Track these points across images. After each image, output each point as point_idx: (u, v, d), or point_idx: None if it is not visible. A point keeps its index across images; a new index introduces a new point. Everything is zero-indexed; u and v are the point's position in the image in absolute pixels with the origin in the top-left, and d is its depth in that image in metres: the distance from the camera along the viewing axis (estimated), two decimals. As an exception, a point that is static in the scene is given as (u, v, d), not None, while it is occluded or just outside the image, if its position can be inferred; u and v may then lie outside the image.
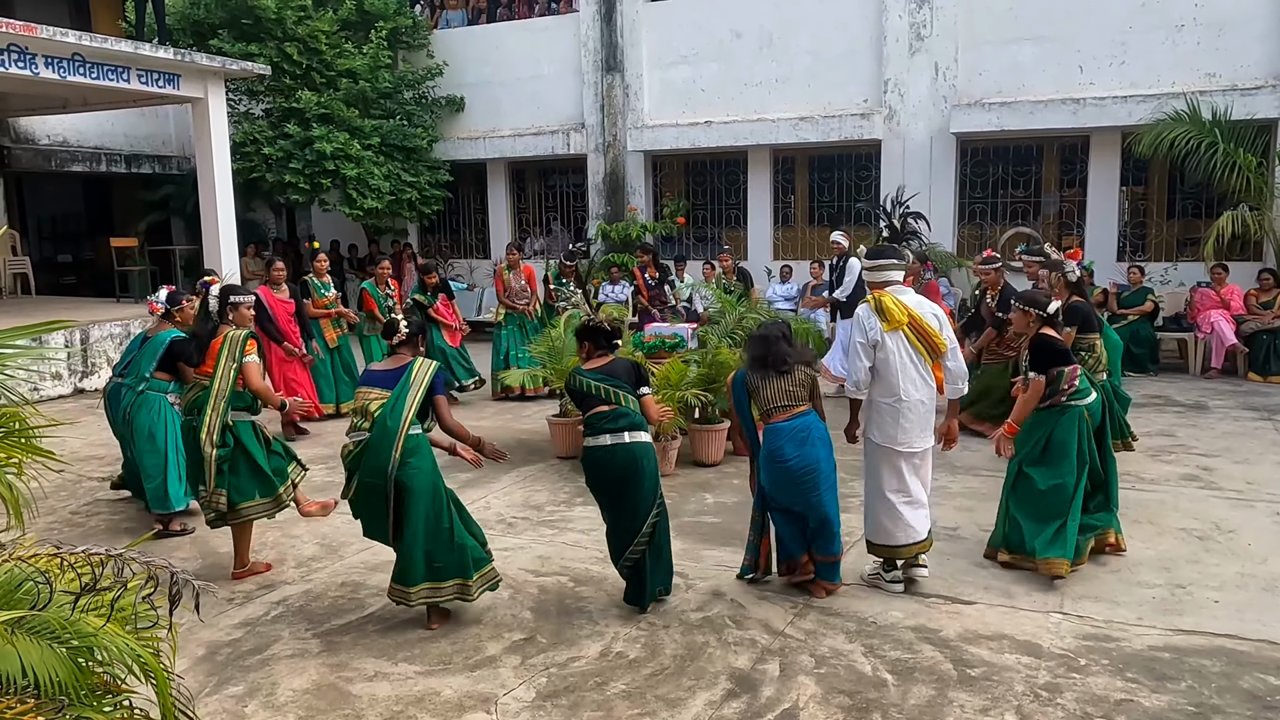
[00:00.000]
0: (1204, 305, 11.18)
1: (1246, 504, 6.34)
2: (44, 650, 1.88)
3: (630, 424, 4.74)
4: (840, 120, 13.41)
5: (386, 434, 4.54)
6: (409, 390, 4.65)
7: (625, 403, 4.77)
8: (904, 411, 4.89)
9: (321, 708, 3.96)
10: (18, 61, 10.71)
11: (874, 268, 5.07)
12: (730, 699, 3.96)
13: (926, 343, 4.90)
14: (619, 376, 4.84)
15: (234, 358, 5.28)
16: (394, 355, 4.89)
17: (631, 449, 4.72)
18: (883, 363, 4.90)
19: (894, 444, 4.94)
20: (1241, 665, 4.15)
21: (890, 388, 4.90)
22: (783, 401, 4.81)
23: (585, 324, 5.11)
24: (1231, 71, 11.60)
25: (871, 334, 4.88)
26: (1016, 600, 4.89)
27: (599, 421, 4.75)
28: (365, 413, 4.65)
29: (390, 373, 4.78)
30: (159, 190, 17.34)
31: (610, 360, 4.95)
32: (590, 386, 4.81)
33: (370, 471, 4.54)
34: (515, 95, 15.64)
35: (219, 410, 5.21)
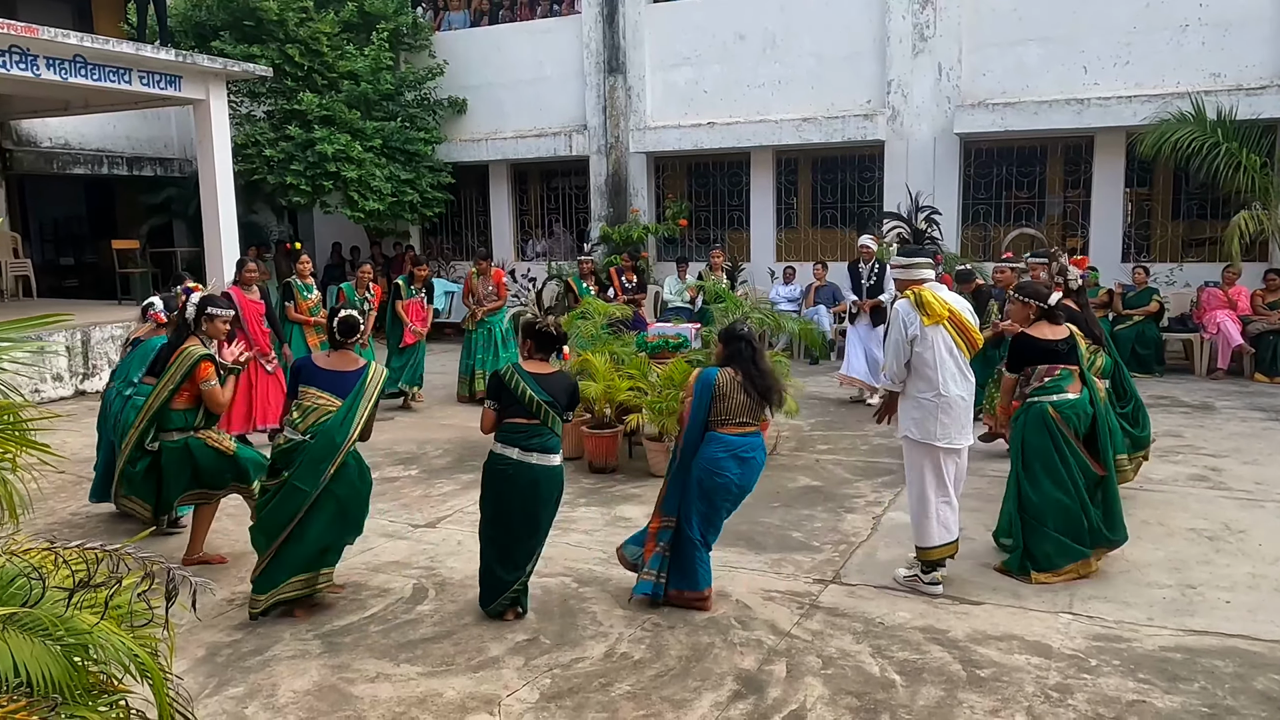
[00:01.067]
0: (1210, 305, 11.12)
1: (1256, 504, 6.28)
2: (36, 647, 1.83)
3: (543, 446, 4.53)
4: (843, 121, 13.36)
5: (332, 448, 4.51)
6: (361, 401, 4.59)
7: (550, 423, 4.54)
8: (944, 407, 4.84)
9: (323, 709, 3.91)
10: (19, 63, 10.68)
11: (908, 266, 5.03)
12: (737, 700, 3.91)
13: (966, 337, 4.88)
14: (556, 395, 4.58)
15: (174, 378, 5.17)
16: (342, 351, 4.77)
17: (536, 472, 4.51)
18: (922, 358, 4.84)
19: (934, 440, 4.87)
20: (1255, 666, 4.10)
21: (930, 383, 4.84)
22: (745, 418, 4.68)
23: (532, 324, 4.82)
24: (1236, 72, 11.54)
25: (911, 329, 4.84)
26: (1025, 601, 4.83)
27: (514, 433, 4.54)
28: (307, 415, 4.57)
29: (342, 376, 4.65)
30: (161, 193, 17.32)
31: (553, 372, 4.70)
32: (522, 391, 4.52)
33: (303, 478, 4.51)
34: (517, 97, 15.60)
35: (140, 427, 5.18)
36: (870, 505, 6.41)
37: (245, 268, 8.64)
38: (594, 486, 7.02)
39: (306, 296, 9.17)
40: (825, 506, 6.32)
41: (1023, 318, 5.34)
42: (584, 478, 7.28)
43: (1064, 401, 5.18)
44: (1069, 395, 5.20)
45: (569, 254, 15.92)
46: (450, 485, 7.11)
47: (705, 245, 15.02)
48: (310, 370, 4.73)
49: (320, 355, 4.85)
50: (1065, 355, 5.24)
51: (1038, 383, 5.20)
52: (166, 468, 5.27)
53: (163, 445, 5.25)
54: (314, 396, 4.60)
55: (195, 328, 5.37)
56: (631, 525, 6.12)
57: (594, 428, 7.46)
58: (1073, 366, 5.25)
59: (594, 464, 7.44)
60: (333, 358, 4.76)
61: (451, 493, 6.93)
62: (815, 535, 5.86)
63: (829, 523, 6.10)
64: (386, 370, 4.79)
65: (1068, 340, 5.28)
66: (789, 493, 6.74)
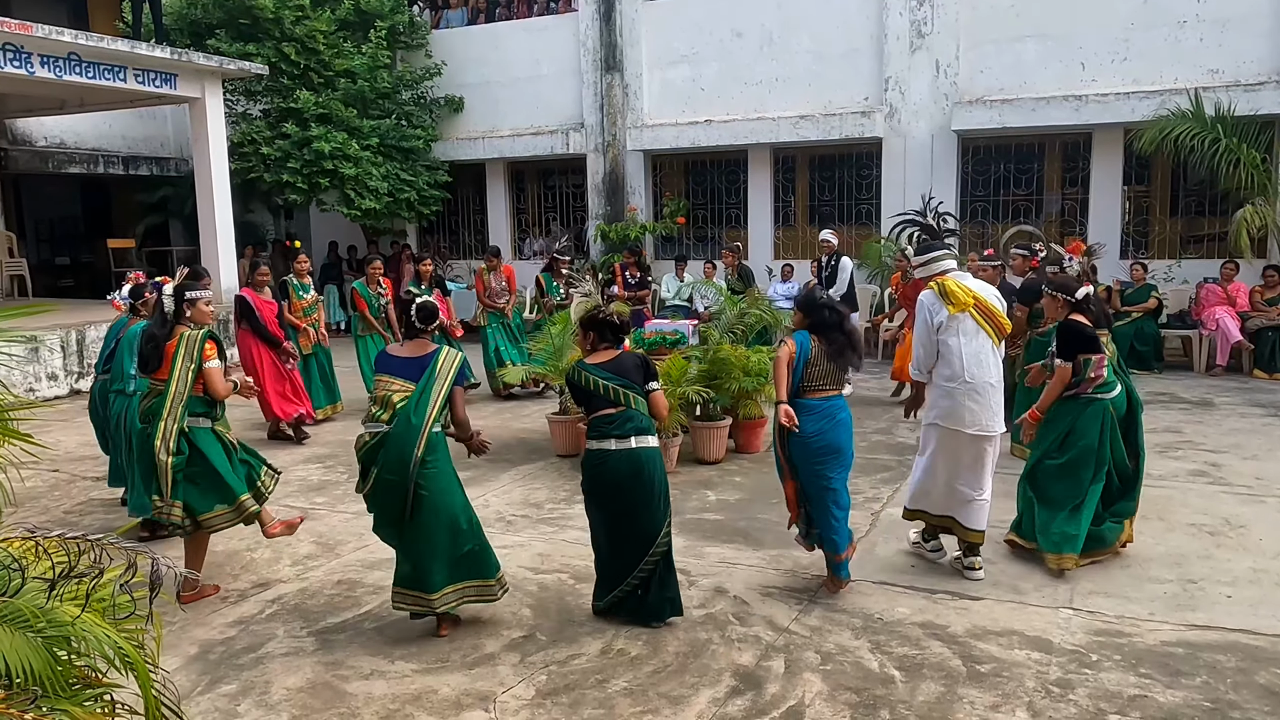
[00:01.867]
0: (1209, 302, 11.10)
1: (1257, 499, 6.25)
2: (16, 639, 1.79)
3: (638, 428, 4.42)
4: (841, 119, 13.33)
5: (410, 430, 4.28)
6: (434, 383, 4.38)
7: (634, 404, 4.45)
8: (972, 393, 4.83)
9: (316, 706, 3.87)
10: (13, 61, 10.64)
11: (927, 262, 5.05)
12: (734, 696, 3.87)
13: (993, 323, 4.87)
14: (628, 374, 4.50)
15: (191, 358, 4.92)
16: (416, 340, 4.57)
17: (639, 455, 4.40)
18: (949, 345, 4.84)
19: (963, 426, 4.85)
20: (1257, 660, 4.06)
21: (955, 371, 4.83)
22: (826, 383, 4.68)
23: (593, 314, 4.74)
24: (1235, 67, 11.52)
25: (937, 318, 4.84)
26: (1025, 596, 4.80)
27: (605, 425, 4.43)
28: (386, 403, 4.36)
29: (413, 361, 4.46)
30: (157, 192, 17.28)
31: (617, 355, 4.61)
32: (596, 385, 4.45)
33: (390, 468, 4.28)
34: (514, 95, 15.56)
35: (175, 415, 4.85)
36: (869, 501, 6.37)
37: (259, 270, 8.73)
38: (591, 483, 6.98)
39: (302, 296, 9.07)
40: (824, 503, 6.27)
41: (1053, 312, 5.30)
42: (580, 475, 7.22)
43: (1119, 398, 5.19)
44: (1118, 389, 5.20)
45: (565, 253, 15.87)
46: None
47: (703, 244, 15.01)
48: (385, 359, 4.58)
49: (395, 346, 4.74)
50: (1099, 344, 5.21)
51: (1096, 376, 5.07)
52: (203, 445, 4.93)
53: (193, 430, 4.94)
54: (387, 383, 4.43)
55: (178, 318, 5.09)
56: (629, 522, 6.10)
57: (591, 425, 7.42)
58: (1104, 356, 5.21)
59: (591, 461, 7.39)
60: (407, 346, 4.59)
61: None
62: (813, 531, 5.82)
63: (827, 519, 6.06)
64: (462, 354, 4.60)
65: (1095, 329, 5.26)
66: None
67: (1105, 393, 5.13)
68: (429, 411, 4.33)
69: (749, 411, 7.68)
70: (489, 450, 4.86)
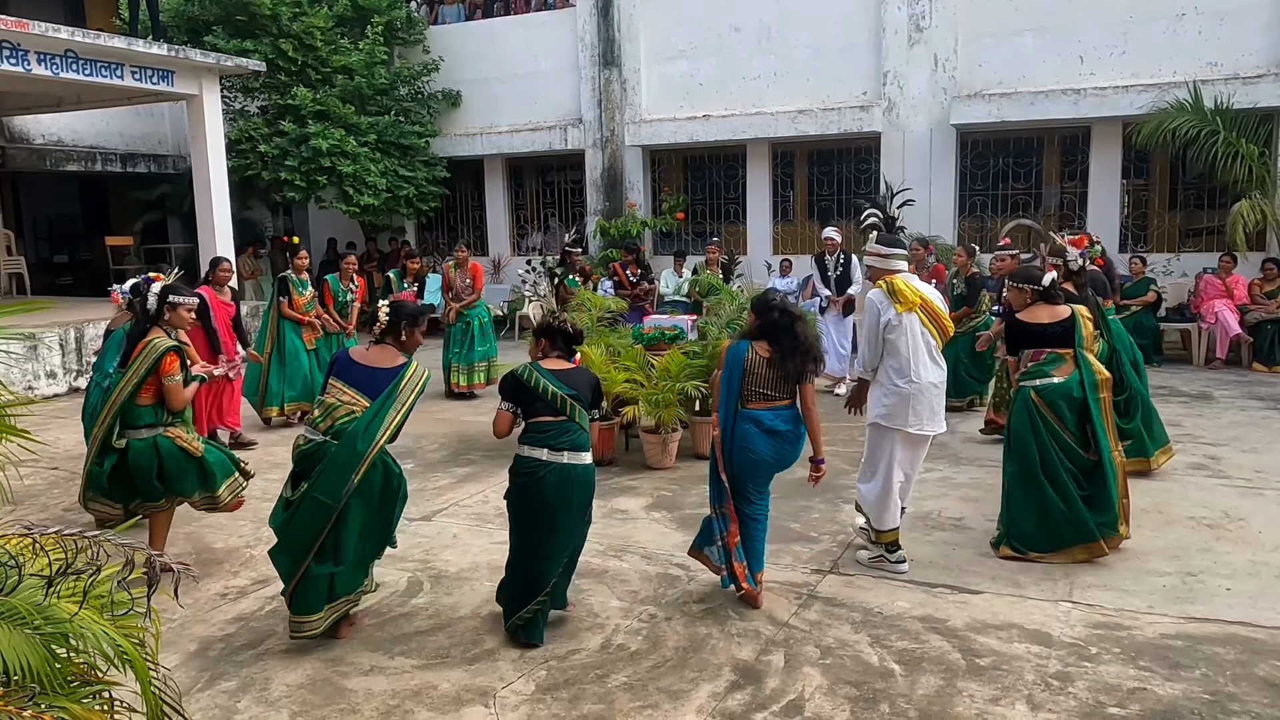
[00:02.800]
0: (1209, 294, 11.09)
1: (1256, 492, 6.25)
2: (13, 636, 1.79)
3: (573, 443, 4.23)
4: (839, 113, 13.32)
5: (354, 457, 4.05)
6: (393, 405, 4.13)
7: (578, 417, 4.26)
8: (916, 394, 4.86)
9: (316, 703, 3.87)
10: (9, 58, 10.62)
11: (886, 255, 5.04)
12: (734, 690, 3.87)
13: (937, 324, 4.93)
14: (580, 388, 4.32)
15: (138, 372, 4.83)
16: (383, 346, 4.32)
17: (569, 471, 4.21)
18: (895, 345, 4.86)
19: (905, 426, 4.89)
20: (1256, 653, 4.06)
21: (903, 370, 4.86)
22: (771, 391, 4.49)
23: (548, 321, 4.53)
24: (1233, 60, 11.51)
25: (885, 315, 4.86)
26: (1024, 590, 4.80)
27: (541, 433, 4.23)
28: (329, 414, 4.14)
29: (376, 373, 4.20)
30: (155, 189, 17.24)
31: (572, 367, 4.43)
32: (545, 389, 4.24)
33: (325, 490, 4.05)
34: (512, 91, 15.54)
35: (105, 424, 4.82)
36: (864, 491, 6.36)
37: (220, 266, 8.32)
38: (590, 479, 6.98)
39: (302, 292, 9.01)
40: (823, 498, 6.28)
41: (1019, 302, 5.36)
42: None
43: (1047, 385, 5.18)
44: (1054, 379, 5.19)
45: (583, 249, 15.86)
46: (445, 479, 7.06)
47: (702, 239, 14.97)
48: (344, 363, 4.28)
49: (359, 349, 4.39)
50: (1056, 338, 5.23)
51: (1024, 367, 5.28)
52: (135, 467, 4.89)
53: (130, 444, 4.88)
54: (339, 392, 4.17)
55: (157, 319, 5.04)
56: (628, 518, 6.09)
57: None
58: (1063, 350, 5.22)
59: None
60: (371, 352, 4.31)
61: (447, 486, 6.89)
62: (813, 526, 5.83)
63: (826, 513, 6.07)
64: (428, 372, 4.29)
65: (1063, 323, 5.25)
66: (786, 484, 6.67)
67: (1028, 380, 5.21)
68: (378, 437, 4.08)
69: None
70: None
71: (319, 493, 4.07)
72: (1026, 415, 5.18)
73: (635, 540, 5.68)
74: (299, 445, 4.22)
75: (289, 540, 4.18)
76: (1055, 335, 5.24)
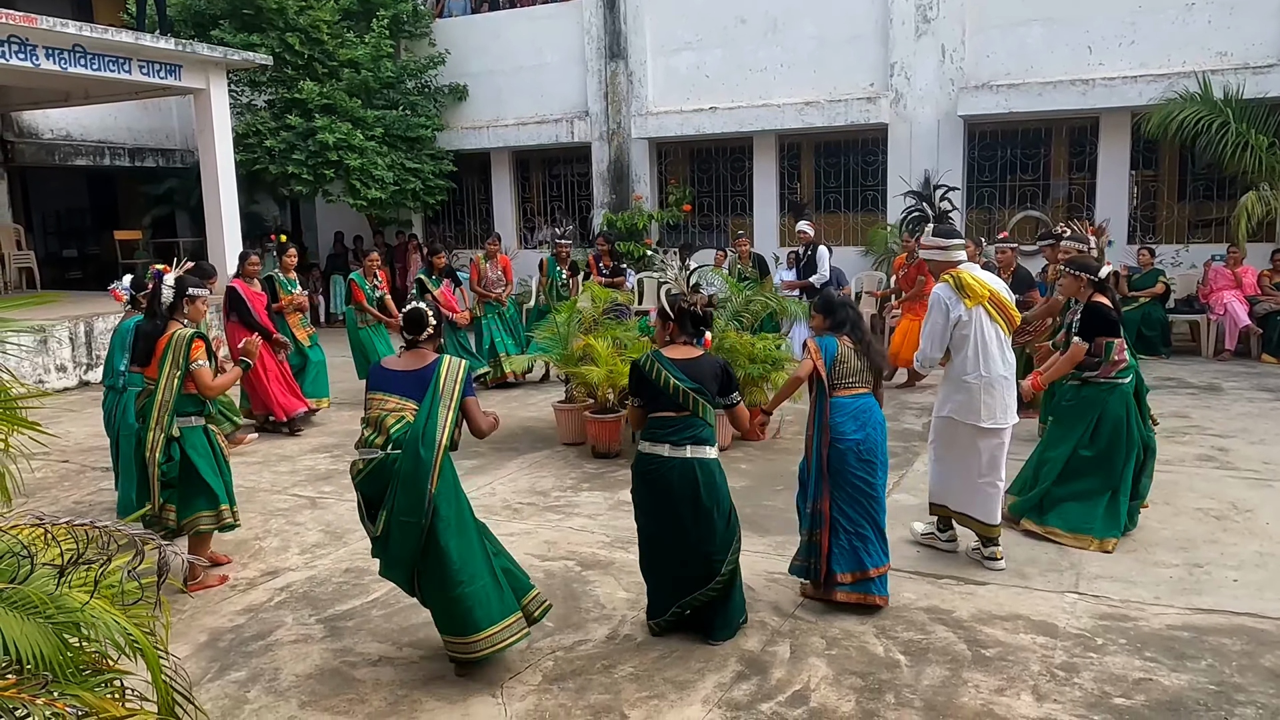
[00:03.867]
0: (1218, 284, 11.05)
1: (1264, 484, 6.23)
2: (26, 625, 1.81)
3: (697, 438, 4.09)
4: (846, 105, 13.28)
5: (421, 465, 3.78)
6: (441, 402, 3.89)
7: (702, 412, 4.09)
8: (987, 387, 4.82)
9: (325, 693, 3.90)
10: (18, 53, 10.66)
11: (945, 247, 4.96)
12: (740, 681, 3.89)
13: (1005, 315, 4.87)
14: (704, 380, 4.12)
15: (177, 364, 4.80)
16: (413, 350, 4.08)
17: (692, 465, 4.06)
18: (965, 340, 4.81)
19: (979, 421, 4.85)
20: (1263, 644, 4.06)
21: (974, 364, 4.81)
22: (856, 380, 4.52)
23: (675, 302, 4.27)
24: (1243, 50, 11.43)
25: (955, 312, 4.80)
26: (1030, 581, 4.80)
27: (662, 429, 4.10)
28: (380, 426, 3.89)
29: (412, 375, 3.97)
30: (163, 184, 17.30)
31: (697, 356, 4.21)
32: (668, 383, 4.06)
33: (405, 509, 3.79)
34: (518, 84, 15.54)
35: (162, 423, 4.78)
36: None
37: (249, 260, 8.56)
38: (597, 471, 7.00)
39: (289, 291, 8.82)
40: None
41: (1074, 291, 5.31)
42: (587, 462, 7.27)
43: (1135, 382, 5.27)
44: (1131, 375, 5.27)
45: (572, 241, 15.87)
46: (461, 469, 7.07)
47: (709, 231, 14.98)
48: (379, 375, 4.05)
49: (391, 358, 4.19)
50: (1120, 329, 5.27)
51: (1120, 360, 5.18)
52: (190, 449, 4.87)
53: (183, 431, 4.87)
54: (382, 401, 3.94)
55: (173, 312, 4.99)
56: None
57: (596, 413, 7.44)
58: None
59: (597, 449, 7.41)
60: (404, 357, 4.09)
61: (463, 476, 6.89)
62: (819, 518, 5.83)
63: (833, 505, 6.07)
64: (466, 360, 4.10)
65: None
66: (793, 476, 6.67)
67: (1125, 377, 5.21)
68: (438, 439, 3.84)
69: (754, 399, 7.66)
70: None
71: (402, 515, 3.81)
72: (1125, 410, 5.19)
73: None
74: (360, 469, 3.92)
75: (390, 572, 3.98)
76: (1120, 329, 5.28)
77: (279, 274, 8.90)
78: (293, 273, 9.04)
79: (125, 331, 5.90)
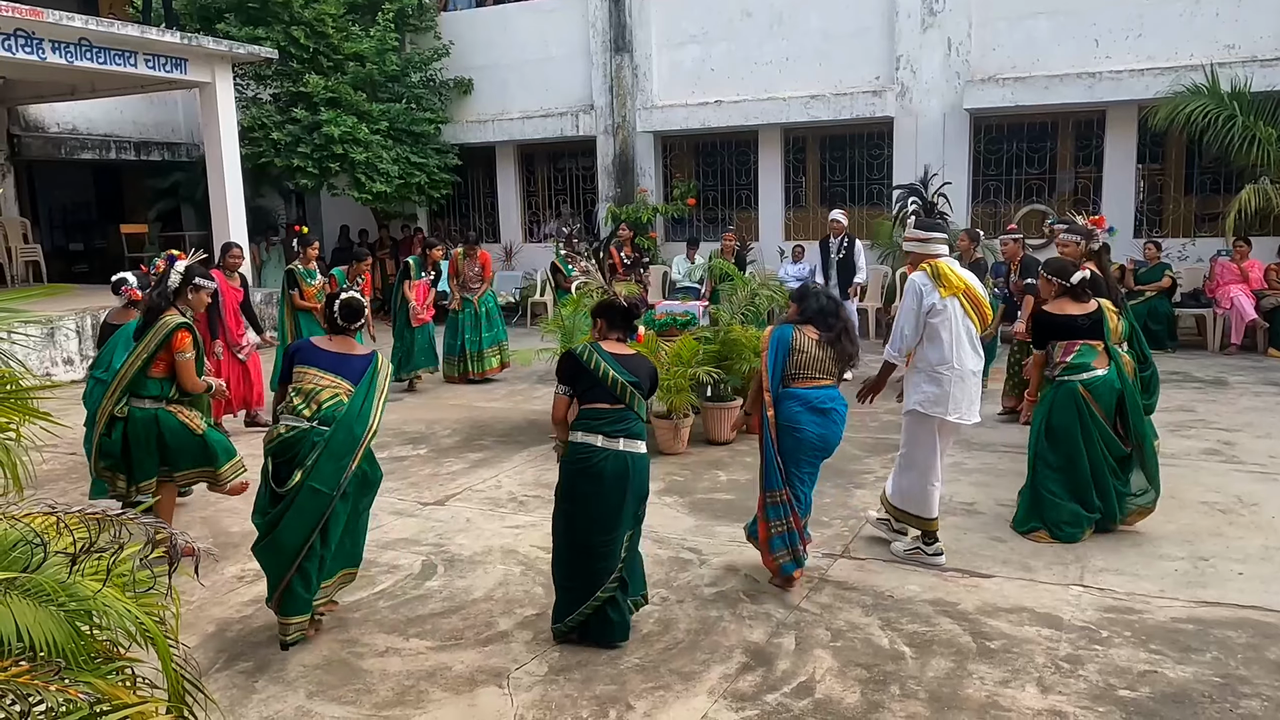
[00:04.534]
0: (1224, 279, 11.02)
1: (1270, 478, 6.23)
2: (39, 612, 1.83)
3: (630, 431, 4.11)
4: (852, 98, 13.25)
5: (352, 442, 4.08)
6: (375, 392, 4.20)
7: (636, 406, 4.14)
8: (957, 380, 4.82)
9: (332, 683, 3.92)
10: (25, 46, 10.68)
11: (925, 240, 4.99)
12: (745, 672, 3.90)
13: (978, 311, 4.88)
14: (640, 376, 4.18)
15: (148, 347, 4.88)
16: (342, 336, 4.35)
17: (625, 460, 4.08)
18: (937, 330, 4.82)
19: (945, 414, 4.84)
20: (1268, 637, 4.07)
21: (944, 356, 4.81)
22: (818, 372, 4.55)
23: (605, 300, 4.39)
24: (1251, 43, 11.39)
25: (928, 299, 4.80)
26: (1035, 573, 4.81)
27: (597, 419, 4.10)
28: (311, 398, 4.11)
29: (347, 359, 4.25)
30: (169, 177, 17.33)
31: (633, 353, 4.30)
32: (604, 373, 4.09)
33: (323, 478, 4.02)
34: (523, 77, 15.52)
35: (114, 396, 4.88)
36: (879, 480, 6.37)
37: (230, 252, 8.41)
38: (602, 464, 7.02)
39: (310, 283, 8.97)
40: (834, 482, 6.29)
41: (1046, 292, 5.34)
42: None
43: (1094, 379, 5.20)
44: (1098, 372, 5.21)
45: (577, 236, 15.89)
46: (459, 464, 7.11)
47: (714, 225, 14.96)
48: (310, 351, 4.28)
49: (321, 339, 4.40)
50: (1086, 330, 5.22)
51: (1061, 361, 5.21)
52: (133, 436, 4.95)
53: (131, 411, 4.95)
54: (317, 377, 4.17)
55: (177, 297, 5.10)
56: (640, 502, 6.12)
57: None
58: (1095, 341, 5.22)
59: (602, 442, 7.42)
60: (334, 342, 4.34)
61: (460, 471, 6.93)
62: (825, 510, 5.83)
63: (838, 498, 6.09)
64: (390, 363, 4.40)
65: (1091, 315, 5.25)
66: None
67: (1073, 375, 5.18)
68: (371, 422, 4.15)
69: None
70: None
71: (316, 482, 4.00)
72: (1074, 409, 5.16)
73: (647, 524, 5.62)
74: (280, 434, 4.12)
75: (282, 535, 4.06)
76: (1085, 327, 5.23)
77: (299, 265, 8.94)
78: (314, 264, 9.09)
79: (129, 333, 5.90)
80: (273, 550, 4.12)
